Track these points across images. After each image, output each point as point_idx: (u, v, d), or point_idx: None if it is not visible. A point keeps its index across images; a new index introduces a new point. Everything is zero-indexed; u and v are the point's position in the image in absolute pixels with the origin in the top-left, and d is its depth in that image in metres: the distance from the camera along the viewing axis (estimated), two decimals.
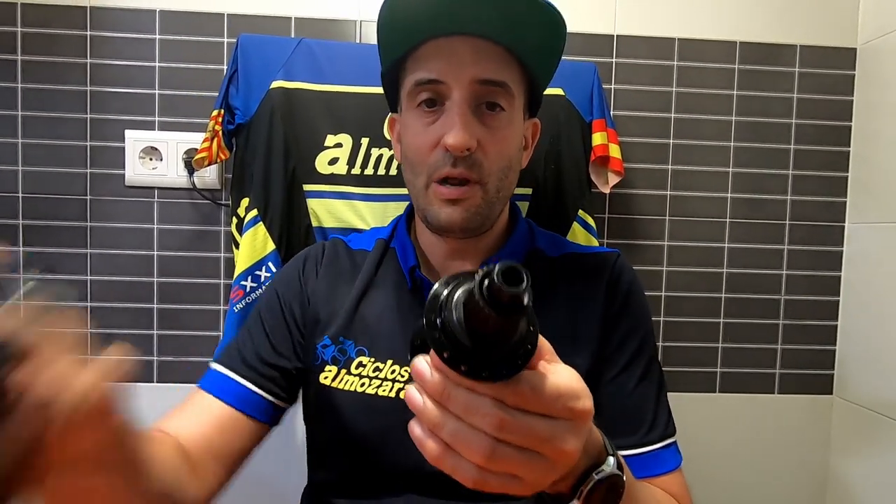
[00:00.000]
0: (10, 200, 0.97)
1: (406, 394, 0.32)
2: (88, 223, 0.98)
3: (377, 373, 0.62)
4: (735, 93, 1.05)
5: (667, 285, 1.06)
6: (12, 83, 0.96)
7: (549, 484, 0.34)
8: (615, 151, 0.92)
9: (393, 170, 0.90)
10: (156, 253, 0.99)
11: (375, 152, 0.90)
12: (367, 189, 0.90)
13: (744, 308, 1.07)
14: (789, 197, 1.07)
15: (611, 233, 1.05)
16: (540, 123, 0.71)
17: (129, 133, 0.97)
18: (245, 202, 0.89)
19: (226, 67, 0.93)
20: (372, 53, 0.66)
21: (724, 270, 1.07)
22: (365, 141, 0.89)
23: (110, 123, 0.97)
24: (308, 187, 0.90)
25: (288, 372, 0.64)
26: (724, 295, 1.07)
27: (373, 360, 0.62)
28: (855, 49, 1.06)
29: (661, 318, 1.06)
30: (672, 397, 0.65)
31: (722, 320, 1.07)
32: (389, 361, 0.62)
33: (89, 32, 0.96)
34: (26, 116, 0.96)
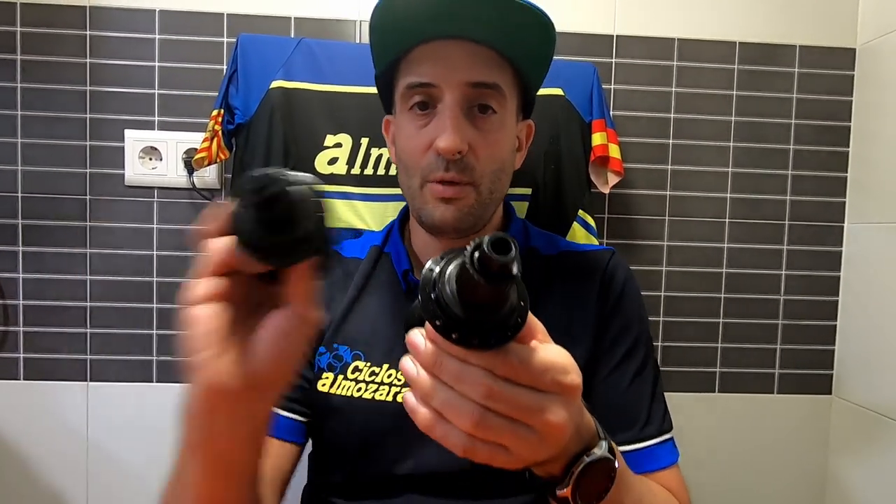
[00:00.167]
0: (9, 200, 0.97)
1: (401, 364, 0.34)
2: (88, 223, 0.98)
3: (373, 377, 0.62)
4: (734, 93, 1.05)
5: (666, 285, 1.06)
6: (12, 83, 0.96)
7: (540, 461, 0.35)
8: (615, 151, 0.93)
9: (392, 170, 0.90)
10: (155, 253, 0.99)
11: (375, 152, 0.90)
12: (367, 189, 0.90)
13: (743, 308, 1.07)
14: (788, 197, 1.07)
15: (610, 233, 1.05)
16: (534, 125, 0.71)
17: (128, 133, 0.97)
18: None
19: (225, 67, 0.93)
20: None
21: (724, 270, 1.07)
22: (365, 141, 0.89)
23: (110, 123, 0.97)
24: None
25: (305, 389, 0.65)
26: (723, 295, 1.07)
27: (368, 364, 0.63)
28: (854, 49, 1.06)
29: (661, 318, 1.06)
30: (671, 397, 0.65)
31: (721, 320, 1.07)
32: (385, 366, 0.62)
33: (89, 32, 0.96)
34: (26, 116, 0.96)
